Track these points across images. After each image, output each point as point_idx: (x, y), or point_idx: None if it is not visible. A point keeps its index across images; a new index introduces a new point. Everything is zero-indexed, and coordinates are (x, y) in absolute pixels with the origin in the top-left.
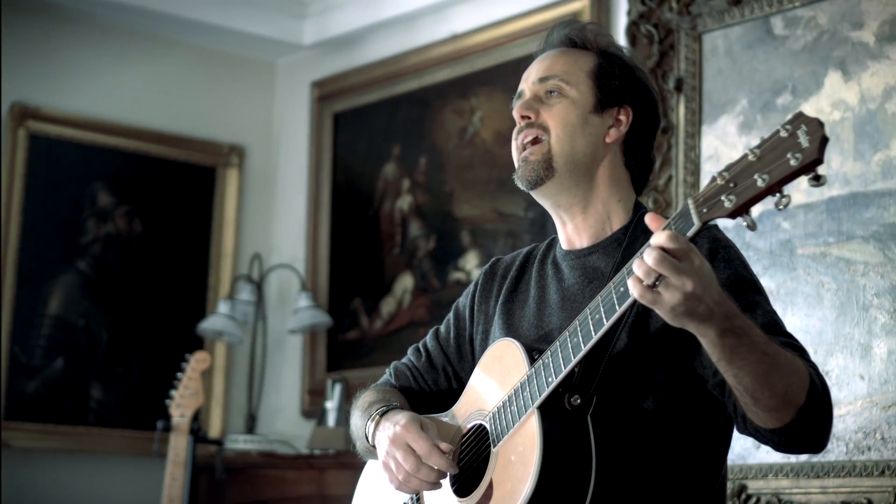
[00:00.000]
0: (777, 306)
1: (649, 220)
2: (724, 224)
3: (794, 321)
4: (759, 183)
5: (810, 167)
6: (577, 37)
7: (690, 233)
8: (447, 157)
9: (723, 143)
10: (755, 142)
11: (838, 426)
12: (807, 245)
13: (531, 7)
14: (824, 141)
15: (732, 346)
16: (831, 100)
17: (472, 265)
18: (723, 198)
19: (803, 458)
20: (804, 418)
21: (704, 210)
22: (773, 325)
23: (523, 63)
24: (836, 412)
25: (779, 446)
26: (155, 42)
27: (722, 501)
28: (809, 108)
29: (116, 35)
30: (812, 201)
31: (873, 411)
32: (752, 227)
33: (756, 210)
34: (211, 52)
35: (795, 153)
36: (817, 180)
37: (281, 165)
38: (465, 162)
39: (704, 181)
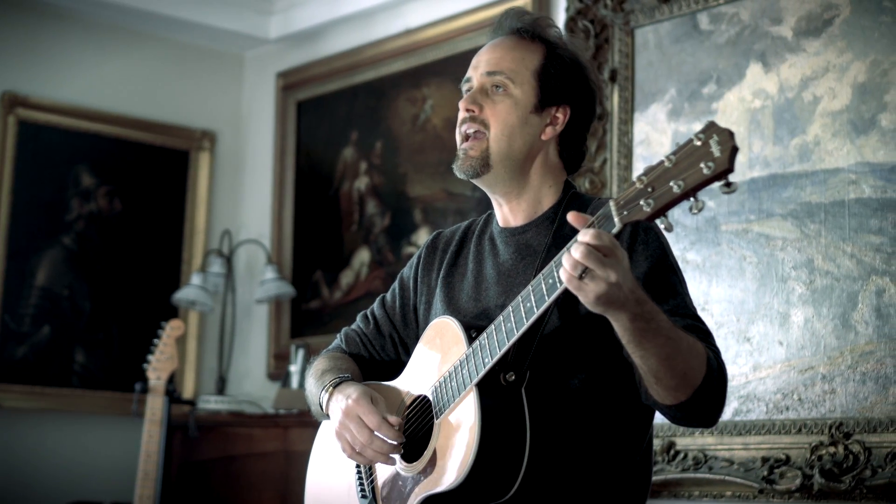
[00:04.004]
0: (703, 278)
1: (572, 218)
2: None
3: (719, 291)
4: (675, 189)
5: (722, 175)
6: (529, 29)
7: (612, 233)
8: (401, 142)
9: (653, 129)
10: (683, 128)
11: (759, 388)
12: (730, 222)
13: (478, 4)
14: (734, 151)
15: (642, 330)
16: (753, 89)
17: (423, 240)
18: (641, 202)
19: (727, 417)
20: (699, 397)
21: (625, 213)
22: (683, 307)
23: (472, 55)
24: (758, 375)
25: (674, 419)
26: (134, 36)
27: (648, 458)
28: (732, 97)
29: (99, 30)
30: (735, 182)
31: (791, 374)
32: (668, 228)
33: None
34: (184, 45)
35: (708, 162)
36: (728, 187)
37: (249, 149)
38: (417, 146)
39: (637, 164)
